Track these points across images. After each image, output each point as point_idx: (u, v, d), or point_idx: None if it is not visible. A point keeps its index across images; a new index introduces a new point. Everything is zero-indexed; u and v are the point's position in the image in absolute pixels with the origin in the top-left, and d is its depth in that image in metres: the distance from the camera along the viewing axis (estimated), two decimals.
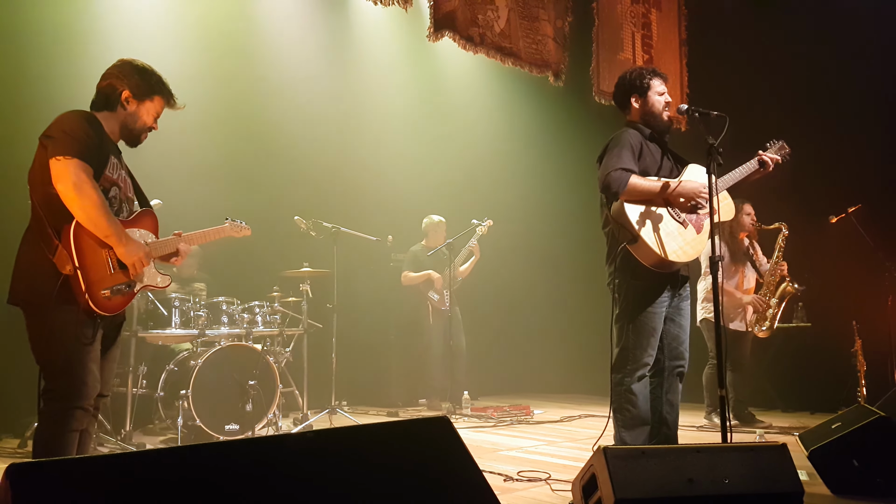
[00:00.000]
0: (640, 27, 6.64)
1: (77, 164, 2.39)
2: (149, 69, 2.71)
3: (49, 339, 2.39)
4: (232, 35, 6.27)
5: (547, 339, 7.88)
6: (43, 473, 1.38)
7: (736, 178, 3.39)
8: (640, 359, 3.21)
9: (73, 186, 2.37)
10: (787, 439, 3.75)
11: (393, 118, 7.26)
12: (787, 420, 5.52)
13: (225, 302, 4.88)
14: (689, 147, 3.59)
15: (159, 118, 2.76)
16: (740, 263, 5.39)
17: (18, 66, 4.98)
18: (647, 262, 3.17)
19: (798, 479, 2.46)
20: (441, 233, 6.56)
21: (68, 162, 2.38)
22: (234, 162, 6.17)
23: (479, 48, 5.52)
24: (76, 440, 2.41)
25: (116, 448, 4.28)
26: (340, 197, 6.59)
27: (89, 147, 2.45)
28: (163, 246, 2.80)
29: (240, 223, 3.34)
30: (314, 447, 1.72)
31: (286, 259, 5.61)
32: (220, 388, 4.37)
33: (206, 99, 5.82)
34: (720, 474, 2.36)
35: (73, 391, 2.38)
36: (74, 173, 2.37)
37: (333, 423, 5.08)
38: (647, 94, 3.38)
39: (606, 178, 3.16)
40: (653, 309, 3.23)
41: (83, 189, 2.38)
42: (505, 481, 3.31)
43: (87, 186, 2.39)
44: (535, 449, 4.33)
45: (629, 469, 2.28)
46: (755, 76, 6.57)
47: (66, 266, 2.38)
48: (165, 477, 1.52)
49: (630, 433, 3.19)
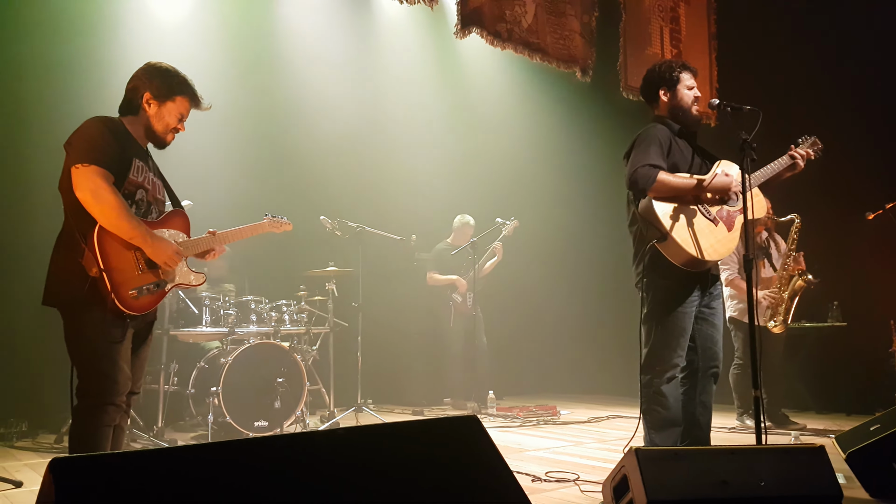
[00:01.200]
0: (669, 21, 6.55)
1: (95, 170, 2.43)
2: (172, 70, 2.73)
3: (79, 339, 2.46)
4: (257, 35, 6.32)
5: (573, 339, 7.81)
6: (83, 468, 1.41)
7: (767, 174, 3.30)
8: (669, 360, 3.15)
9: (90, 193, 2.42)
10: (822, 441, 3.67)
11: (418, 117, 7.25)
12: (822, 422, 5.41)
13: (253, 301, 4.92)
14: (719, 143, 3.53)
15: (186, 119, 2.77)
16: (760, 256, 5.28)
17: (50, 75, 5.06)
18: (677, 261, 3.10)
19: (836, 483, 2.40)
20: (468, 233, 6.55)
21: (86, 169, 2.43)
22: (261, 162, 6.22)
23: (506, 44, 5.48)
24: (109, 436, 2.47)
25: (149, 444, 4.34)
26: (365, 197, 6.60)
27: (108, 153, 2.49)
28: (195, 245, 2.82)
29: (281, 219, 3.34)
30: (345, 444, 1.72)
31: (312, 258, 5.64)
32: (249, 386, 4.40)
33: (233, 100, 5.88)
34: (755, 477, 2.32)
35: (103, 389, 2.44)
36: (92, 180, 2.43)
37: (359, 421, 5.09)
38: (676, 87, 3.30)
39: (634, 175, 3.09)
40: (682, 309, 3.16)
41: (101, 195, 2.43)
42: (533, 482, 3.28)
43: (105, 192, 2.43)
44: (563, 449, 4.30)
45: (661, 471, 2.25)
46: (787, 70, 6.43)
47: (92, 268, 2.43)
48: (198, 472, 1.53)
49: (660, 434, 3.14)
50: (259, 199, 5.59)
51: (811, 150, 3.38)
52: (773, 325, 5.09)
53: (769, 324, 5.10)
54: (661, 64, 3.42)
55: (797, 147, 3.38)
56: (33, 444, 4.51)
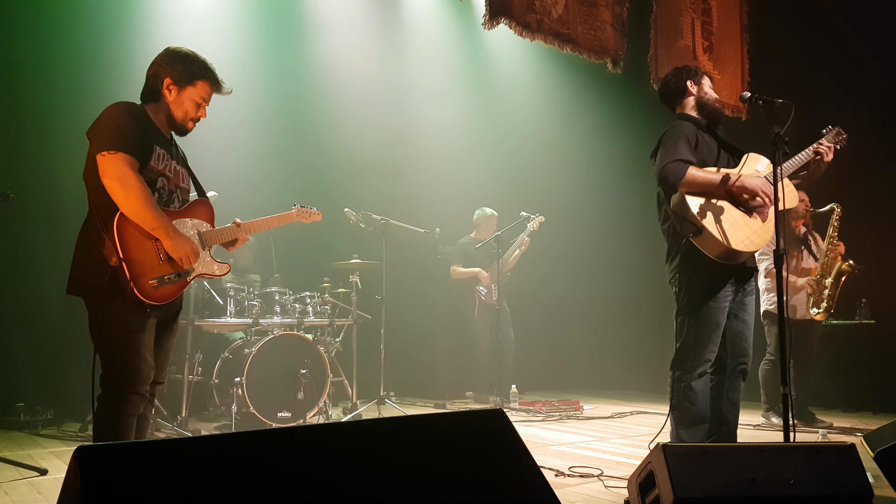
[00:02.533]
0: (700, 13, 6.45)
1: (122, 157, 2.41)
2: (192, 55, 2.68)
3: (102, 328, 2.44)
4: (284, 27, 6.34)
5: (596, 334, 7.76)
6: (108, 456, 1.41)
7: (795, 164, 3.27)
8: (700, 355, 3.12)
9: (117, 181, 2.39)
10: (850, 440, 3.60)
11: (444, 109, 7.23)
12: (849, 420, 5.33)
13: (277, 292, 4.95)
14: (751, 137, 3.48)
15: (208, 106, 2.72)
16: (794, 248, 5.20)
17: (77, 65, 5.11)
18: (713, 254, 3.07)
19: (867, 482, 2.35)
20: (492, 226, 6.52)
21: (113, 157, 2.40)
22: (287, 154, 6.24)
23: (536, 35, 5.42)
24: (133, 424, 2.47)
25: (173, 433, 4.38)
26: (390, 189, 6.60)
27: (132, 139, 2.46)
28: (220, 234, 2.81)
29: (310, 209, 3.33)
30: (371, 436, 1.72)
31: (336, 250, 5.66)
32: (272, 376, 4.42)
33: (259, 92, 5.91)
34: (784, 475, 2.27)
35: (126, 378, 2.44)
36: (119, 167, 2.40)
37: (382, 414, 5.10)
38: (701, 81, 3.36)
39: (664, 170, 3.08)
40: (716, 303, 3.13)
41: (127, 183, 2.40)
42: (556, 476, 3.26)
43: (132, 180, 2.40)
44: (587, 445, 4.27)
45: (689, 467, 2.21)
46: (820, 62, 6.31)
47: (112, 257, 2.41)
48: (222, 462, 1.54)
49: (687, 431, 3.11)
50: (284, 191, 5.61)
51: (835, 143, 3.33)
52: (816, 313, 5.03)
53: (811, 310, 5.04)
54: (682, 66, 3.48)
55: (823, 139, 3.33)
56: (58, 432, 4.57)
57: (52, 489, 3.03)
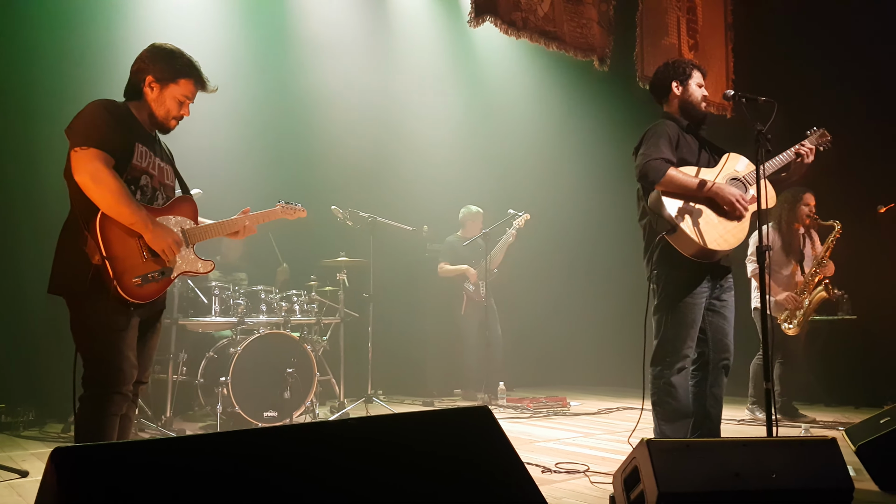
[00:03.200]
0: (686, 11, 6.48)
1: (94, 153, 2.38)
2: (177, 52, 2.63)
3: (84, 328, 2.42)
4: (271, 24, 6.30)
5: (583, 330, 7.79)
6: (87, 457, 1.39)
7: (776, 165, 3.30)
8: (679, 351, 3.15)
9: (89, 177, 2.37)
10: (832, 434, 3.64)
11: (431, 106, 7.22)
12: (832, 414, 5.38)
13: (263, 290, 4.92)
14: (735, 134, 3.50)
15: (193, 104, 2.68)
16: (794, 257, 5.17)
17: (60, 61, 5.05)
18: (687, 252, 3.10)
19: (848, 475, 2.38)
20: (478, 223, 6.52)
21: (85, 152, 2.38)
22: (273, 151, 6.21)
23: (521, 32, 5.42)
24: (116, 425, 2.45)
25: (157, 434, 4.35)
26: (377, 187, 6.59)
27: (108, 136, 2.43)
28: (203, 231, 2.78)
29: (294, 205, 3.32)
30: (356, 434, 1.71)
31: (323, 248, 5.64)
32: (258, 376, 4.40)
33: (245, 89, 5.88)
34: (767, 469, 2.29)
35: (109, 378, 2.41)
36: (91, 163, 2.37)
37: (369, 412, 5.09)
38: (687, 82, 3.34)
39: (644, 167, 3.12)
40: (692, 300, 3.16)
41: (100, 178, 2.37)
42: (543, 473, 3.28)
43: (105, 175, 2.37)
44: (573, 441, 4.29)
45: (673, 462, 2.23)
46: (804, 61, 6.36)
47: (94, 256, 2.39)
48: (206, 462, 1.52)
49: (671, 426, 3.13)
50: (271, 188, 5.57)
51: (817, 144, 3.37)
52: (788, 328, 5.03)
53: (784, 325, 5.04)
54: (673, 61, 3.46)
55: (806, 140, 3.36)
56: (40, 434, 4.52)
57: (34, 491, 2.96)
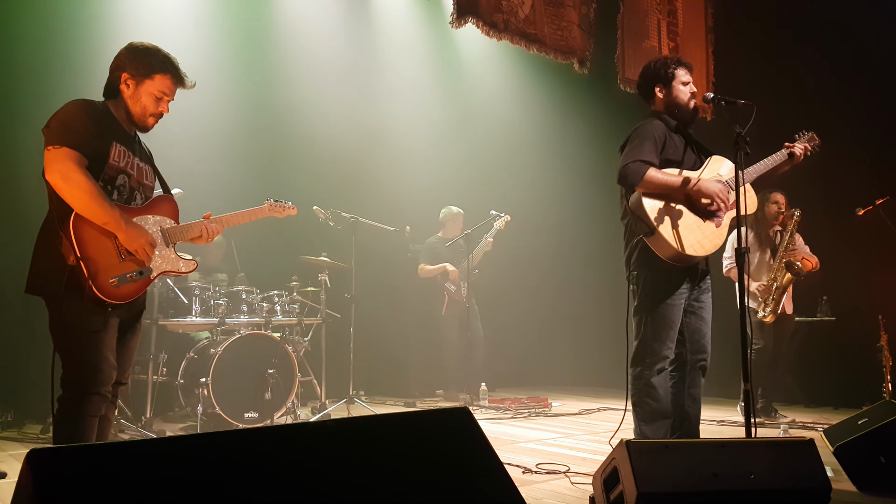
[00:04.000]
0: (666, 14, 6.53)
1: (66, 153, 2.37)
2: (153, 49, 2.63)
3: (62, 328, 2.41)
4: (253, 25, 6.27)
5: (565, 331, 7.83)
6: (63, 459, 1.37)
7: (762, 169, 3.32)
8: (659, 352, 3.17)
9: (60, 176, 2.36)
10: (810, 434, 3.69)
11: (412, 107, 7.22)
12: (811, 415, 5.45)
13: (244, 291, 4.89)
14: (716, 137, 3.53)
15: (172, 101, 2.67)
16: (767, 245, 5.28)
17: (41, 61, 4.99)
18: (664, 255, 3.12)
19: (825, 476, 2.41)
20: (458, 224, 6.53)
21: (57, 151, 2.37)
22: (254, 152, 6.18)
23: (503, 34, 5.43)
24: (94, 426, 2.43)
25: (137, 435, 4.31)
26: (359, 187, 6.58)
27: (81, 135, 2.41)
28: (186, 230, 2.76)
29: (284, 203, 3.30)
30: (334, 436, 1.71)
31: (305, 249, 5.61)
32: (239, 377, 4.38)
33: (227, 89, 5.84)
34: (745, 469, 2.32)
35: (87, 378, 2.40)
36: (62, 162, 2.36)
37: (351, 413, 5.08)
38: (671, 83, 3.32)
39: (624, 169, 3.12)
40: (671, 301, 3.18)
41: (71, 177, 2.36)
42: (524, 473, 3.29)
43: (76, 174, 2.36)
44: (554, 441, 4.31)
45: (652, 463, 2.25)
46: (783, 65, 6.44)
47: (69, 256, 2.37)
48: (185, 464, 1.51)
49: (650, 426, 3.15)
50: (252, 188, 5.55)
51: (808, 145, 3.40)
52: (763, 316, 5.11)
53: (759, 314, 5.12)
54: (656, 61, 3.42)
55: (795, 142, 3.39)
56: (19, 435, 4.45)
57: (11, 493, 2.96)
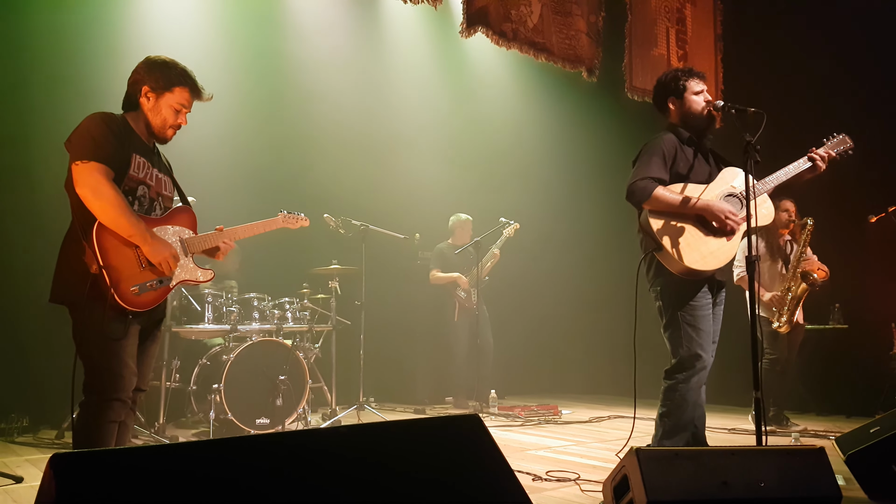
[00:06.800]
0: (675, 22, 6.54)
1: (94, 167, 2.44)
2: (171, 63, 2.71)
3: (84, 336, 2.47)
4: (263, 34, 6.32)
5: (575, 339, 7.81)
6: (85, 463, 1.41)
7: (781, 178, 3.27)
8: (694, 364, 3.14)
9: (90, 190, 2.43)
10: (822, 443, 3.67)
11: (422, 116, 7.25)
12: (822, 424, 5.41)
13: (256, 298, 4.93)
14: (724, 145, 3.52)
15: (189, 112, 2.74)
16: (779, 255, 5.25)
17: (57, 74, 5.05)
18: (675, 271, 3.12)
19: (836, 484, 2.41)
20: (467, 231, 6.55)
21: (86, 166, 2.44)
22: (265, 160, 6.22)
23: (511, 44, 5.47)
24: (114, 431, 2.48)
25: (150, 440, 4.35)
26: (369, 195, 6.60)
27: (106, 149, 2.48)
28: (202, 241, 2.82)
29: (297, 215, 3.35)
30: (346, 442, 1.73)
31: (315, 256, 5.65)
32: (251, 383, 4.41)
33: (238, 98, 5.89)
34: (755, 478, 2.32)
35: (108, 385, 2.46)
36: (92, 177, 2.43)
37: (361, 420, 5.10)
38: (683, 95, 3.31)
39: (631, 187, 3.13)
40: (701, 312, 3.17)
41: (100, 191, 2.43)
42: (534, 481, 3.29)
43: (105, 188, 2.43)
44: (564, 449, 4.31)
45: (662, 471, 2.25)
46: (793, 72, 6.42)
47: (92, 265, 2.44)
48: (199, 469, 1.54)
49: (671, 440, 3.13)
50: (263, 197, 5.59)
51: (833, 151, 3.32)
52: (778, 326, 5.08)
53: (774, 324, 5.09)
54: (667, 74, 3.41)
55: (822, 146, 3.32)
56: (34, 440, 4.51)
57: (28, 497, 3.00)
